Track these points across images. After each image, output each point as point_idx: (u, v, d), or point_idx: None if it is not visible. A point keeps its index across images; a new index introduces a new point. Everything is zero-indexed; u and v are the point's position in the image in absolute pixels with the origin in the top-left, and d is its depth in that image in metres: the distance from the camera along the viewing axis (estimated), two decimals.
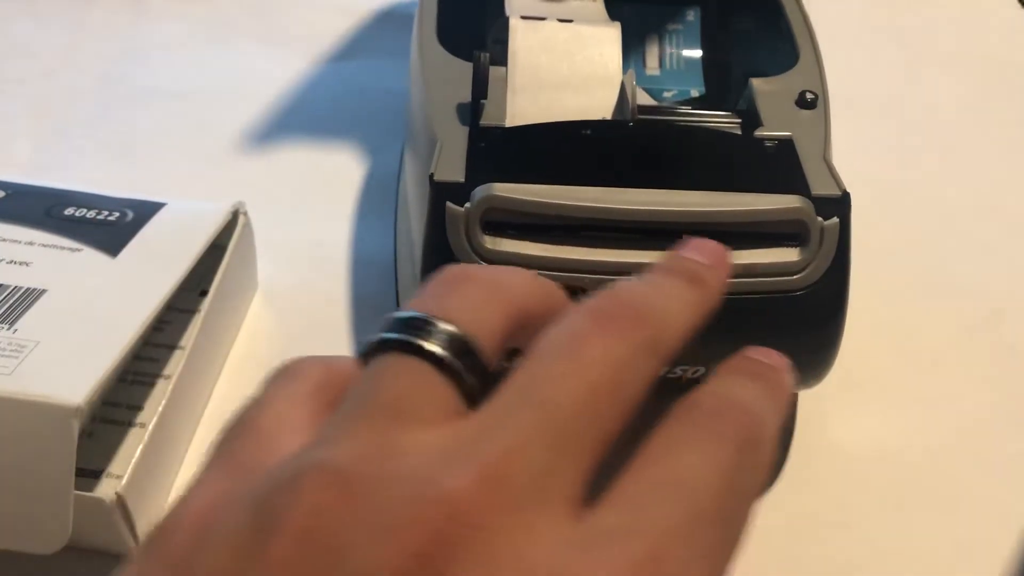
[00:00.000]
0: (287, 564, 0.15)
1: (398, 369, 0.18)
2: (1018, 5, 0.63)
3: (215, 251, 0.37)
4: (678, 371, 0.31)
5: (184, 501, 0.17)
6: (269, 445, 0.18)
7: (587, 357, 0.18)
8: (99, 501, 0.30)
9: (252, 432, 0.19)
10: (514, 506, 0.16)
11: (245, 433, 0.19)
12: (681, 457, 0.18)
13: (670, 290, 0.21)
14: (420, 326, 0.19)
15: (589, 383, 0.18)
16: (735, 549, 0.18)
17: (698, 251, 0.23)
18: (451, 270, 0.21)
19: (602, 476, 0.18)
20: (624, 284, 0.21)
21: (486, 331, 0.19)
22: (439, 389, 0.18)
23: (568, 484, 0.17)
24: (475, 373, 0.19)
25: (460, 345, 0.19)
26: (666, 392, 0.34)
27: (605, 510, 0.17)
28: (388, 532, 0.15)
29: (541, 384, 0.18)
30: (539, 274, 0.22)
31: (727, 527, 0.18)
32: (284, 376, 0.20)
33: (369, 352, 0.19)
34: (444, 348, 0.18)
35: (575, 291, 0.29)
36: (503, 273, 0.21)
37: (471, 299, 0.20)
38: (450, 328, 0.19)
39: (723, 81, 0.41)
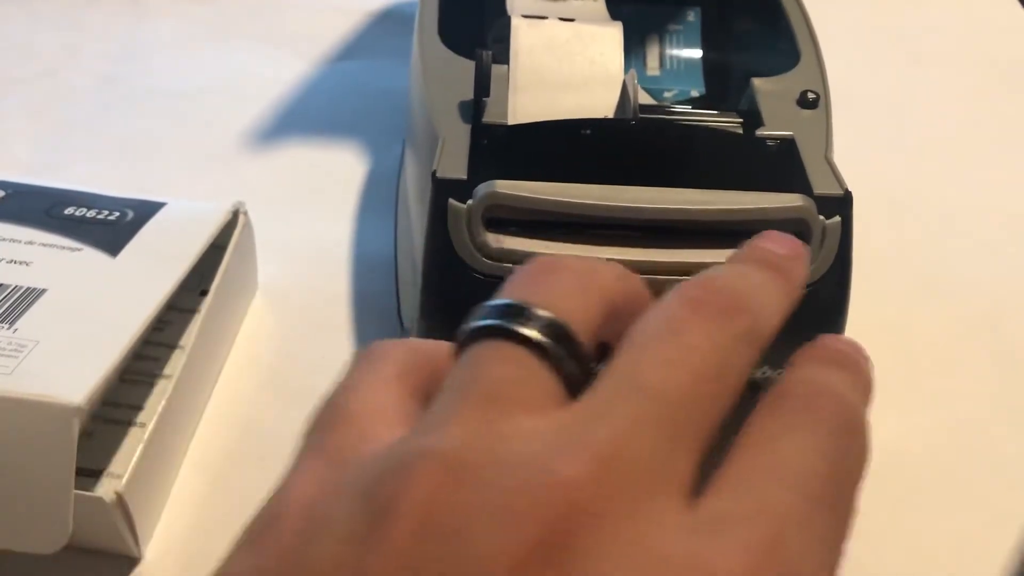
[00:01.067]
0: (406, 551, 0.15)
1: (497, 355, 0.18)
2: (1018, 5, 0.63)
3: (215, 251, 0.37)
4: None
5: (284, 490, 0.17)
6: (363, 432, 0.18)
7: (688, 343, 0.18)
8: (99, 501, 0.30)
9: (343, 418, 0.19)
10: (630, 493, 0.16)
11: (336, 420, 0.19)
12: (784, 444, 0.18)
13: (759, 279, 0.21)
14: (516, 313, 0.19)
15: (692, 369, 0.18)
16: (845, 535, 0.18)
17: (778, 243, 0.23)
18: (541, 260, 0.21)
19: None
20: (713, 273, 0.21)
21: (581, 318, 0.19)
22: (540, 375, 0.18)
23: (680, 471, 0.17)
24: (574, 360, 0.18)
25: (558, 331, 0.18)
26: None
27: (716, 497, 0.17)
28: (508, 518, 0.15)
29: (645, 369, 0.18)
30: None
31: (837, 512, 0.18)
32: (369, 359, 0.20)
33: (465, 340, 0.19)
34: (542, 334, 0.18)
35: None
36: (593, 263, 0.21)
37: (564, 287, 0.20)
38: (547, 314, 0.19)
39: (724, 81, 0.41)
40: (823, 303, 0.30)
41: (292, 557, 0.16)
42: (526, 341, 0.18)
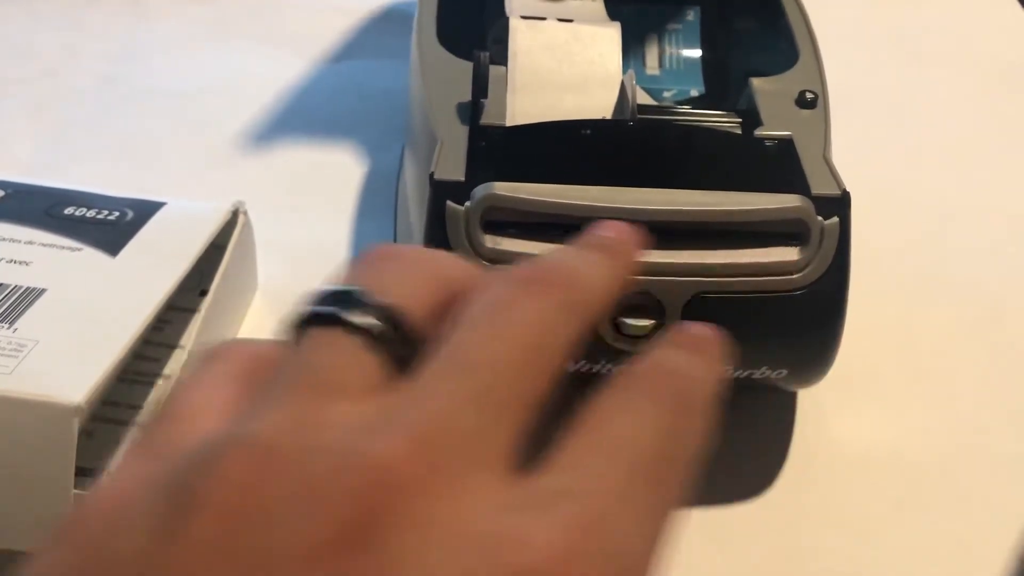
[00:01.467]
0: (208, 542, 0.15)
1: (323, 341, 0.18)
2: (1018, 5, 0.63)
3: (215, 251, 0.37)
4: None
5: (98, 489, 0.17)
6: (189, 427, 0.18)
7: (511, 319, 0.18)
8: None
9: (173, 416, 0.18)
10: (447, 470, 0.16)
11: (165, 418, 0.18)
12: (618, 420, 0.18)
13: (588, 257, 0.21)
14: (345, 298, 0.18)
15: (515, 343, 0.18)
16: (675, 513, 0.18)
17: (608, 229, 0.24)
18: (377, 247, 0.21)
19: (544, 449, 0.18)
20: (543, 255, 0.21)
21: (415, 304, 0.19)
22: (367, 361, 0.18)
23: (502, 446, 0.17)
24: (406, 345, 0.18)
25: (389, 317, 0.18)
26: None
27: (544, 473, 0.17)
28: (315, 503, 0.15)
29: (467, 348, 0.18)
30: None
31: (667, 488, 0.18)
32: (211, 358, 0.20)
33: (295, 327, 0.19)
34: (371, 319, 0.18)
35: None
36: (430, 251, 0.21)
37: (399, 273, 0.20)
38: (377, 299, 0.18)
39: (723, 81, 0.41)
40: (821, 304, 0.30)
41: (96, 550, 0.16)
42: (354, 326, 0.18)
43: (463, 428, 0.16)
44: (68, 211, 0.36)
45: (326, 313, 0.18)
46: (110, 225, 0.36)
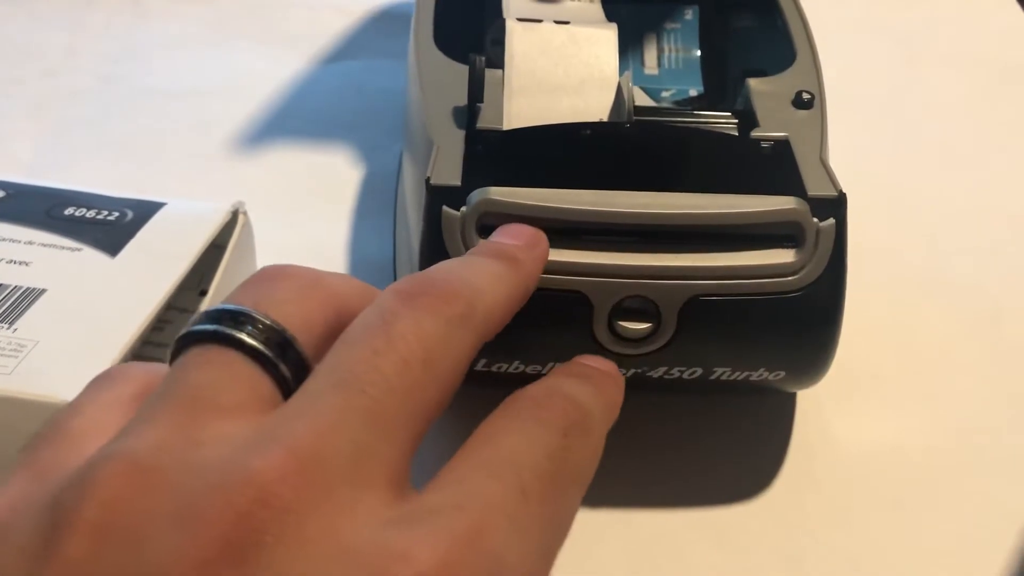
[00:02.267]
0: (80, 562, 0.15)
1: (204, 359, 0.18)
2: (1018, 6, 0.63)
3: (215, 251, 0.37)
4: (675, 372, 0.31)
5: None
6: (76, 447, 0.17)
7: (395, 333, 0.18)
8: None
9: (60, 436, 0.18)
10: (327, 486, 0.16)
11: (52, 437, 0.18)
12: (507, 440, 0.18)
13: (480, 267, 0.21)
14: (230, 317, 0.18)
15: (400, 358, 0.18)
16: (561, 532, 0.18)
17: (511, 235, 0.24)
18: (269, 268, 0.21)
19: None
20: (433, 266, 0.21)
21: (302, 323, 0.19)
22: (249, 379, 0.18)
23: (387, 463, 0.17)
24: (290, 364, 0.18)
25: (274, 335, 0.18)
26: (661, 392, 0.34)
27: (430, 491, 0.17)
28: (190, 520, 0.15)
29: (351, 364, 0.17)
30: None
31: (552, 507, 0.18)
32: (103, 381, 0.19)
33: (180, 346, 0.18)
34: (255, 339, 0.18)
35: (571, 295, 0.29)
36: (321, 272, 0.21)
37: (287, 293, 0.19)
38: (262, 318, 0.18)
39: (722, 80, 0.41)
40: (818, 305, 0.30)
41: None
42: (238, 344, 0.18)
43: (347, 444, 0.16)
44: (68, 211, 0.37)
45: (210, 331, 0.18)
46: (110, 225, 0.36)
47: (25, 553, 0.15)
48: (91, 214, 0.37)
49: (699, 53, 0.42)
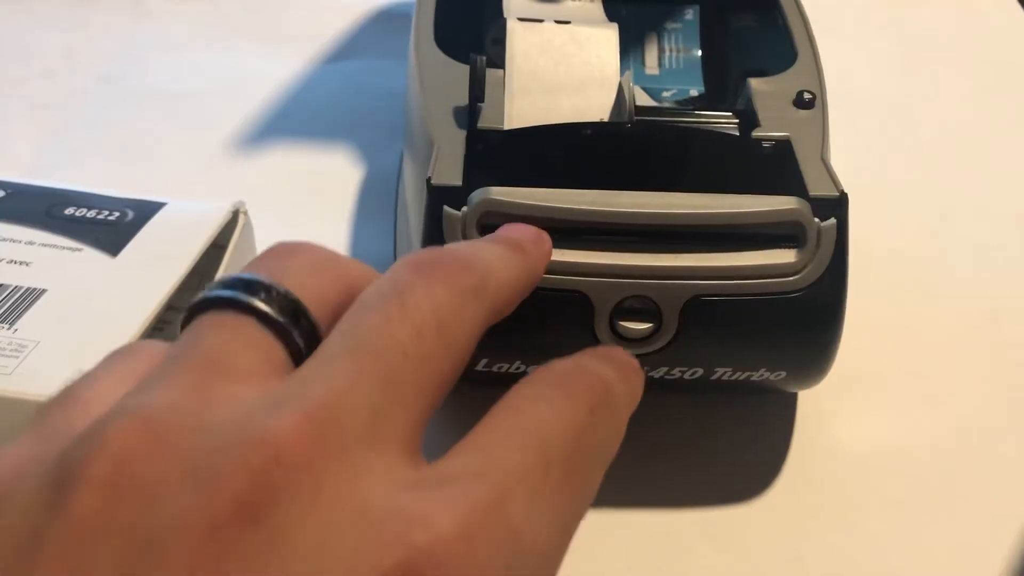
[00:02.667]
0: (88, 518, 0.14)
1: (219, 324, 0.18)
2: (1018, 6, 0.63)
3: (215, 251, 0.37)
4: (676, 372, 0.31)
5: None
6: (86, 411, 0.17)
7: (409, 301, 0.18)
8: None
9: (71, 401, 0.18)
10: (342, 448, 0.15)
11: (63, 402, 0.18)
12: (533, 411, 0.18)
13: (492, 249, 0.21)
14: (247, 285, 0.18)
15: (413, 325, 0.18)
16: (581, 509, 0.18)
17: (515, 230, 0.24)
18: (283, 243, 0.21)
19: None
20: (449, 244, 0.21)
21: (315, 296, 0.19)
22: (263, 345, 0.18)
23: (401, 428, 0.17)
24: (303, 333, 0.18)
25: (287, 304, 0.18)
26: (662, 392, 0.34)
27: (451, 457, 0.17)
28: (203, 479, 0.14)
29: (365, 331, 0.17)
30: None
31: (574, 483, 0.18)
32: (120, 353, 0.19)
33: (193, 312, 0.18)
34: (270, 306, 0.18)
35: (572, 295, 0.29)
36: (334, 252, 0.21)
37: (301, 266, 0.20)
38: (278, 287, 0.18)
39: (723, 80, 0.41)
40: (819, 306, 0.30)
41: None
42: (253, 311, 0.18)
43: (362, 406, 0.16)
44: (68, 211, 0.36)
45: (225, 297, 0.18)
46: (110, 225, 0.36)
47: (31, 511, 0.15)
48: (91, 214, 0.37)
49: (700, 53, 0.42)
